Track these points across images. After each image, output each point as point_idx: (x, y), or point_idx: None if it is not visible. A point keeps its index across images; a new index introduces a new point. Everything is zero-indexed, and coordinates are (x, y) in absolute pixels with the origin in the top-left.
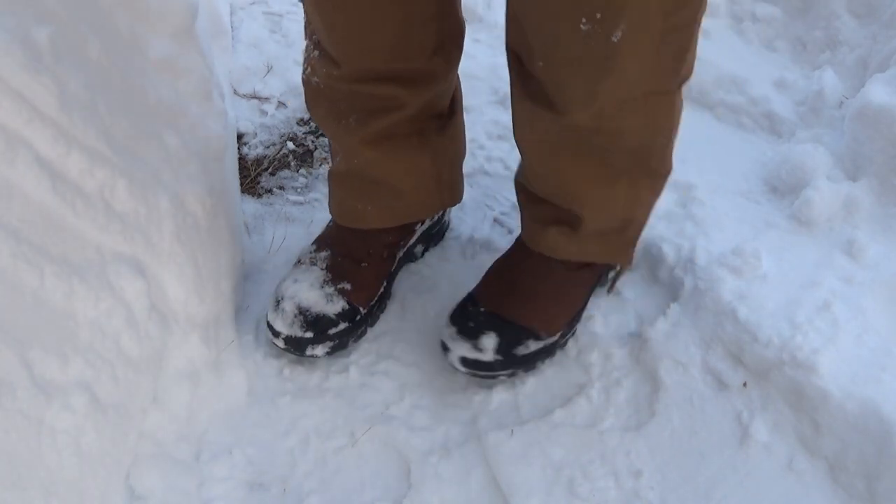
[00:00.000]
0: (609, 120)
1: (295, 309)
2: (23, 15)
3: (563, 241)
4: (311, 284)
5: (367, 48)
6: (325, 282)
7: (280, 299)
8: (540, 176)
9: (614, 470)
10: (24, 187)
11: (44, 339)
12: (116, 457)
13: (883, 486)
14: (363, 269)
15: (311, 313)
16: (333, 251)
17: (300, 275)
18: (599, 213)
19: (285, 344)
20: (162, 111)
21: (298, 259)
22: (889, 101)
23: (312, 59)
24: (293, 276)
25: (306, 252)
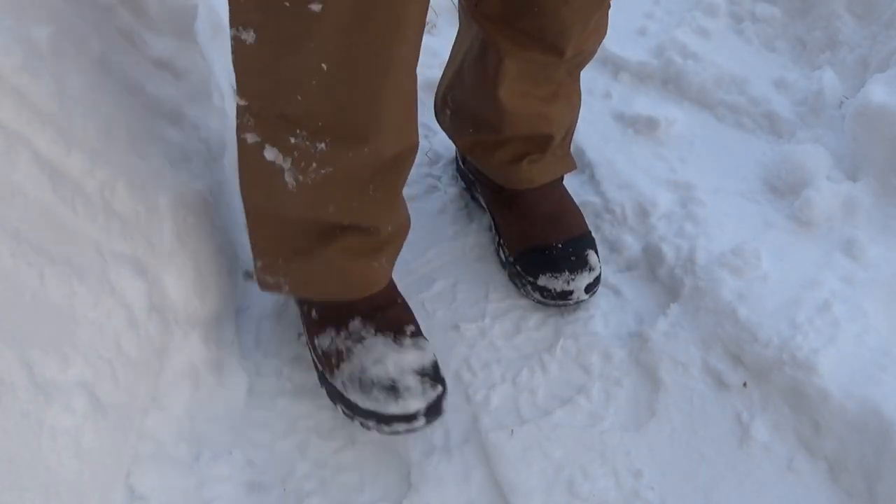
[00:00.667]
0: (584, 44)
1: (415, 377)
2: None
3: (536, 168)
4: (394, 350)
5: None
6: (397, 339)
7: (391, 385)
8: (522, 117)
9: (614, 470)
10: (24, 187)
11: (44, 339)
12: (116, 457)
13: (883, 486)
14: (401, 304)
15: (427, 367)
16: (363, 315)
17: (369, 355)
18: (561, 126)
19: (426, 417)
20: (162, 110)
21: (331, 355)
22: (889, 101)
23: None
24: (368, 361)
25: (333, 342)
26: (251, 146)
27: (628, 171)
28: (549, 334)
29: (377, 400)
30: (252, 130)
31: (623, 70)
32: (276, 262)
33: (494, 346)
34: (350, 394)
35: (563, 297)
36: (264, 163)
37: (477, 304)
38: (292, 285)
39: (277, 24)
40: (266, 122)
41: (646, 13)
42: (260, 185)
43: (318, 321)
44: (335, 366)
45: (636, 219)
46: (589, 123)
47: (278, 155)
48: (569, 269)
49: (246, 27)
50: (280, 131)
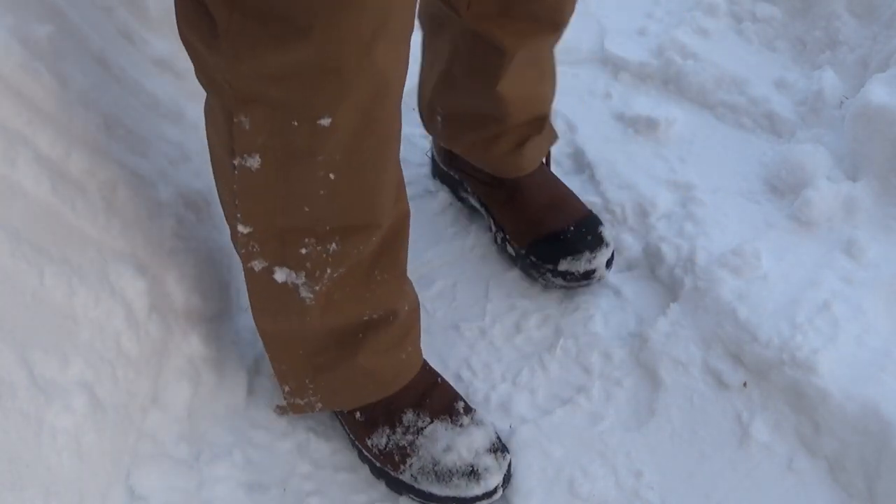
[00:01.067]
0: (572, 7)
1: (489, 455)
2: (23, 14)
3: (534, 148)
4: (458, 434)
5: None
6: (454, 421)
7: (470, 470)
8: (522, 102)
9: (614, 470)
10: (24, 187)
11: (44, 339)
12: (116, 457)
13: (883, 486)
14: (443, 383)
15: (495, 442)
16: (413, 405)
17: (436, 445)
18: (551, 102)
19: (503, 487)
20: (162, 110)
21: (392, 453)
22: (889, 101)
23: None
24: (437, 451)
25: (390, 440)
26: (259, 274)
27: (628, 171)
28: (549, 334)
29: (458, 486)
30: (258, 257)
31: (623, 70)
32: (302, 383)
33: (494, 346)
34: (423, 485)
35: (587, 277)
36: (274, 286)
37: (477, 304)
38: (325, 401)
39: (285, 144)
40: (272, 243)
41: (646, 13)
42: (273, 311)
43: (367, 422)
44: (400, 462)
45: (636, 219)
46: (589, 123)
47: (290, 273)
48: (588, 249)
49: (251, 153)
50: (288, 247)
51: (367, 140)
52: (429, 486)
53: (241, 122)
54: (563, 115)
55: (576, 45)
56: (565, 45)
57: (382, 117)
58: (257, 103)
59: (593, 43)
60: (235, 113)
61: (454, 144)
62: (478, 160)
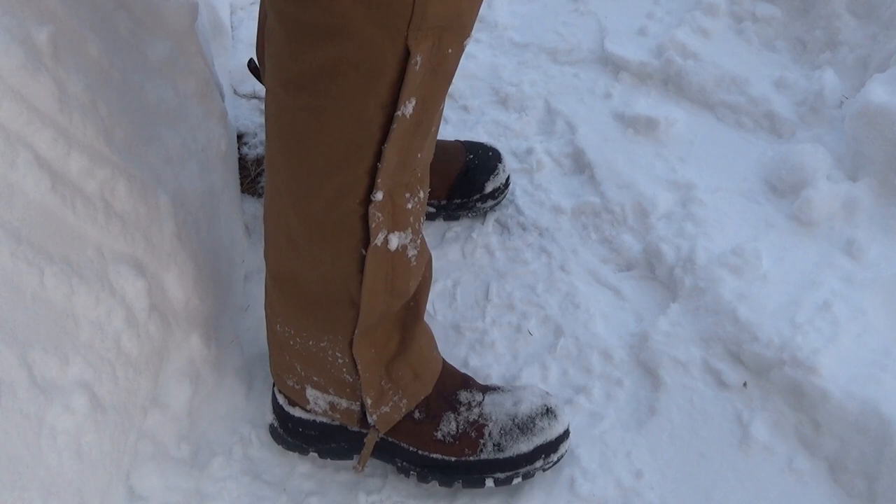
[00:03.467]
0: None
1: (550, 396)
2: (23, 15)
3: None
4: (512, 392)
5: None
6: (495, 389)
7: (546, 409)
8: None
9: (614, 470)
10: (24, 187)
11: (44, 339)
12: (116, 457)
13: (883, 486)
14: (466, 375)
15: (545, 392)
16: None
17: (503, 405)
18: None
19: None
20: (162, 111)
21: (467, 432)
22: (889, 101)
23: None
24: (511, 405)
25: (457, 422)
26: (380, 248)
27: (628, 171)
28: (549, 334)
29: (543, 430)
30: (382, 227)
31: (623, 70)
32: (380, 386)
33: (494, 347)
34: (509, 449)
35: (507, 185)
36: (387, 257)
37: (477, 304)
38: (408, 395)
39: (433, 78)
40: (387, 209)
41: (646, 13)
42: (385, 287)
43: (429, 417)
44: (478, 437)
45: (636, 219)
46: (589, 123)
47: (401, 235)
48: (497, 161)
49: (411, 98)
50: (397, 208)
51: (456, 57)
52: (515, 445)
53: (416, 62)
54: (563, 115)
55: (576, 45)
56: (565, 45)
57: (455, 50)
58: (429, 37)
59: (593, 43)
60: (413, 54)
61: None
62: None
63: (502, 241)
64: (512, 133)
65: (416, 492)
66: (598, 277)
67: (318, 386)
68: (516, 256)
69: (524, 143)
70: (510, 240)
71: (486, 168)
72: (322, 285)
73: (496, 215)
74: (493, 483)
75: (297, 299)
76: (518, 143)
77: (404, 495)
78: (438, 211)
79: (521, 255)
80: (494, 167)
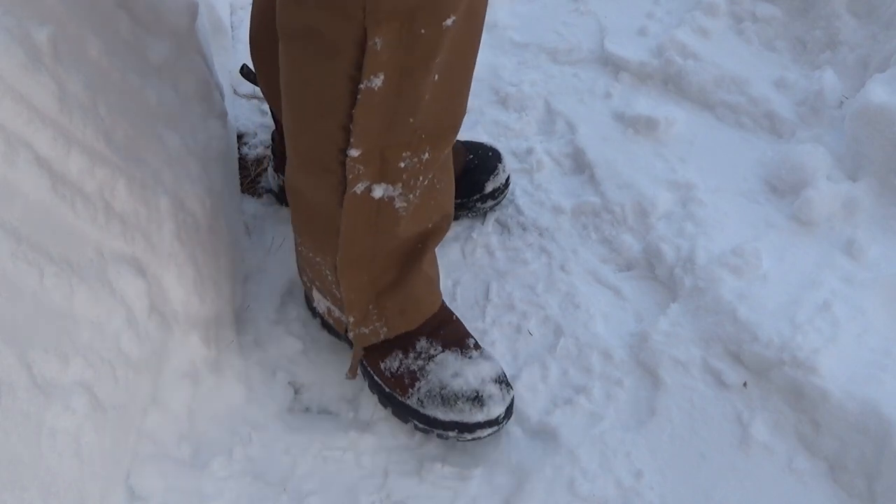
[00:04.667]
0: None
1: (495, 385)
2: (23, 15)
3: None
4: (467, 363)
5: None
6: (464, 353)
7: (475, 395)
8: None
9: (614, 470)
10: (24, 187)
11: (44, 339)
12: (116, 457)
13: (883, 485)
14: (457, 320)
15: (501, 375)
16: (428, 334)
17: (445, 370)
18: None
19: (505, 417)
20: (162, 111)
21: (402, 376)
22: (889, 101)
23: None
24: (447, 375)
25: (402, 363)
26: (360, 195)
27: (628, 171)
28: (549, 334)
29: (462, 411)
30: (362, 178)
31: (623, 70)
32: (366, 310)
33: (494, 346)
34: (428, 409)
35: (507, 185)
36: (371, 203)
37: (477, 303)
38: (389, 325)
39: (407, 55)
40: (375, 162)
41: (646, 13)
42: (366, 228)
43: (382, 346)
44: (409, 385)
45: (636, 219)
46: (589, 123)
47: (387, 187)
48: (497, 161)
49: (377, 73)
50: (388, 163)
51: (468, 33)
52: (434, 409)
53: (375, 43)
54: (563, 115)
55: (576, 45)
56: (565, 45)
57: (480, 9)
58: (391, 20)
59: (593, 43)
60: (370, 36)
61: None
62: None
63: (502, 241)
64: (512, 133)
65: (416, 492)
66: (598, 277)
67: (319, 290)
68: (516, 256)
69: (524, 143)
70: (510, 240)
71: (486, 168)
72: (316, 208)
73: (496, 215)
74: (414, 427)
75: (301, 212)
76: (518, 143)
77: (404, 495)
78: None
79: (521, 255)
80: (494, 167)
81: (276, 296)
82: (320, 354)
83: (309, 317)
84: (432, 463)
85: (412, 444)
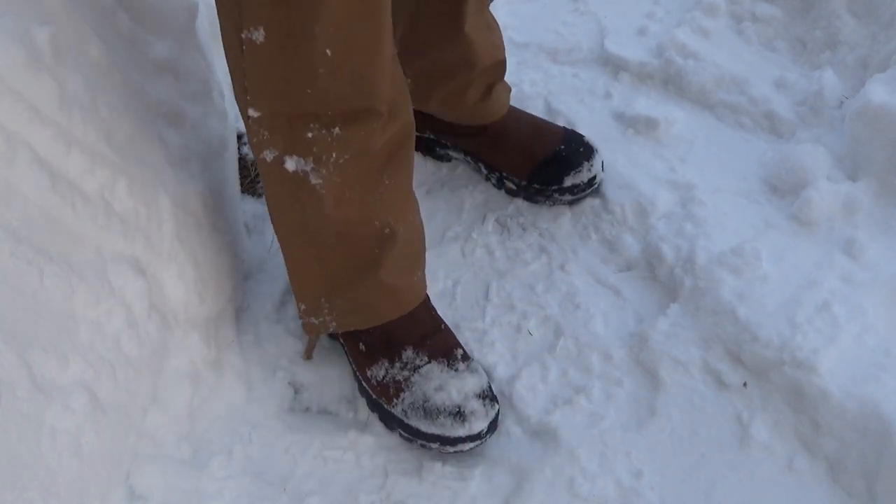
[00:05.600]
0: None
1: (478, 401)
2: (23, 15)
3: (502, 92)
4: (452, 376)
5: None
6: (450, 364)
7: (457, 411)
8: (485, 46)
9: (614, 470)
10: (24, 187)
11: (44, 339)
12: (116, 457)
13: (883, 486)
14: (446, 329)
15: (486, 389)
16: (414, 344)
17: (429, 383)
18: (504, 50)
19: (488, 432)
20: (162, 111)
21: (388, 386)
22: (889, 101)
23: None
24: (430, 389)
25: (388, 373)
26: (271, 164)
27: (628, 171)
28: (549, 334)
29: (444, 426)
30: (269, 145)
31: (623, 70)
32: (318, 303)
33: (494, 346)
34: (412, 420)
35: (591, 185)
36: (287, 176)
37: (477, 303)
38: (339, 321)
39: (288, 15)
40: (281, 130)
41: (646, 13)
42: (288, 203)
43: (368, 354)
44: (394, 395)
45: (636, 219)
46: (589, 123)
47: (299, 160)
48: (585, 159)
49: (257, 26)
50: (296, 132)
51: (360, 14)
52: (417, 421)
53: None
54: (563, 115)
55: (576, 45)
56: (565, 45)
57: None
58: None
59: (593, 43)
60: None
61: (426, 103)
62: (452, 114)
63: (502, 240)
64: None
65: (416, 491)
66: (598, 277)
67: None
68: (516, 256)
69: None
70: (510, 240)
71: (571, 162)
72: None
73: (496, 215)
74: (399, 437)
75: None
76: None
77: (404, 495)
78: (518, 190)
79: (521, 255)
80: (580, 164)
81: (276, 295)
82: (320, 354)
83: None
84: (432, 463)
85: (412, 445)
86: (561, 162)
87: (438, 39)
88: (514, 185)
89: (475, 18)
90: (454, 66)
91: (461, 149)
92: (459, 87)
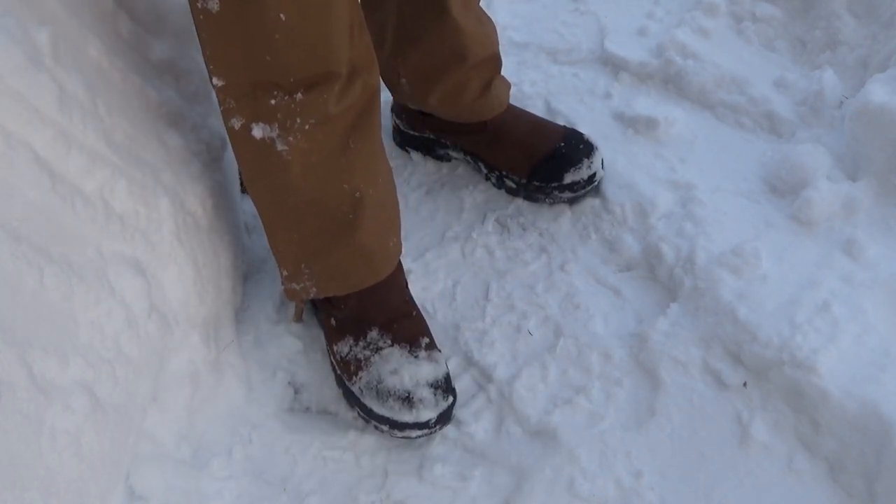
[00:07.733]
0: None
1: (429, 389)
2: (23, 15)
3: (501, 87)
4: (409, 362)
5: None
6: (412, 351)
7: (406, 396)
8: (476, 37)
9: (614, 470)
10: (24, 187)
11: (44, 339)
12: (116, 457)
13: (883, 486)
14: (416, 317)
15: (440, 380)
16: (381, 326)
17: (386, 365)
18: (497, 44)
19: (438, 424)
20: (162, 112)
21: (349, 362)
22: (889, 101)
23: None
24: (385, 372)
25: (352, 350)
26: (239, 132)
27: (628, 171)
28: (549, 334)
29: (392, 409)
30: (236, 113)
31: (623, 70)
32: (298, 268)
33: (494, 347)
34: (366, 399)
35: (590, 182)
36: (255, 143)
37: (477, 303)
38: (320, 286)
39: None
40: (245, 98)
41: (646, 13)
42: (258, 170)
43: (337, 329)
44: (353, 373)
45: (636, 219)
46: (589, 123)
47: (264, 127)
48: (585, 156)
49: None
50: (259, 100)
51: None
52: (370, 401)
53: None
54: (563, 115)
55: (576, 45)
56: (565, 45)
57: None
58: None
59: (593, 43)
60: None
61: (426, 102)
62: (451, 112)
63: (502, 241)
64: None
65: (416, 491)
66: (598, 277)
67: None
68: (516, 256)
69: None
70: (510, 240)
71: (571, 159)
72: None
73: (496, 215)
74: (357, 415)
75: None
76: None
77: (404, 495)
78: (518, 189)
79: (521, 255)
80: (580, 160)
81: (276, 296)
82: (320, 354)
83: (309, 316)
84: (432, 463)
85: (412, 444)
86: (561, 159)
87: (427, 28)
88: (513, 184)
89: (462, 8)
90: (447, 58)
91: (461, 148)
92: (457, 82)
